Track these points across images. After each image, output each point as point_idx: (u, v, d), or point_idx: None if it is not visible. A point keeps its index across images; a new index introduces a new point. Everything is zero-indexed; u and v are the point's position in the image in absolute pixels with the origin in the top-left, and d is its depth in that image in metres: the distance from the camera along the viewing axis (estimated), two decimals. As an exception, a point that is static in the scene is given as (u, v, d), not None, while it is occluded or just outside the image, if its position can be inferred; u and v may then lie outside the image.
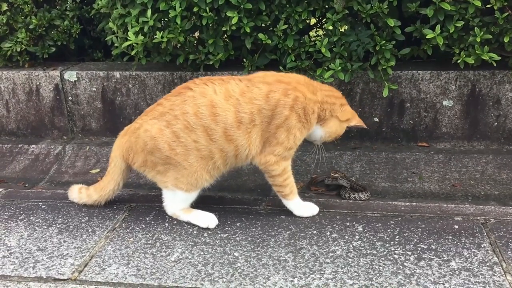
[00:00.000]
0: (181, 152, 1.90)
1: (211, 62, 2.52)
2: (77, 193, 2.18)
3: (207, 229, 1.95)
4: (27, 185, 2.59)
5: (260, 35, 2.42)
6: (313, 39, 2.61)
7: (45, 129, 2.93)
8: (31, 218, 2.08)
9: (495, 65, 2.24)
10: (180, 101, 1.90)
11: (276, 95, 1.88)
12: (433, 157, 2.51)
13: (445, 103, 2.52)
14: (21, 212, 2.13)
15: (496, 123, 2.51)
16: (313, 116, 1.94)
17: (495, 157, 2.46)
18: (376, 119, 2.61)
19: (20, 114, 2.92)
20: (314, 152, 2.20)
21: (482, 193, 2.30)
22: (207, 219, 1.98)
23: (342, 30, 2.42)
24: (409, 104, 2.56)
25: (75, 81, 2.80)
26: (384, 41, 2.32)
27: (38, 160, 2.80)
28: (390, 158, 2.55)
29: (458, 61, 2.29)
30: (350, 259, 1.73)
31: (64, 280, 1.69)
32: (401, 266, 1.67)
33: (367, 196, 2.21)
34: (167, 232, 1.94)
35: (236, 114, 1.86)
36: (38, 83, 2.85)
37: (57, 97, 2.85)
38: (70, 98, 2.84)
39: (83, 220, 2.05)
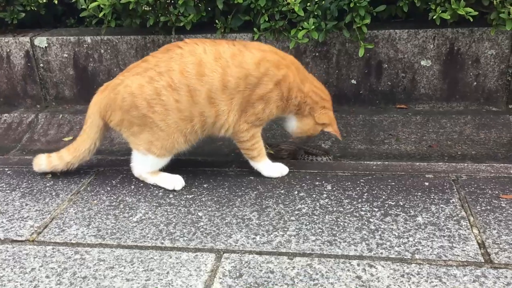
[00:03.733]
0: (159, 111, 1.81)
1: (182, 24, 2.45)
2: (45, 159, 2.05)
3: (173, 190, 1.91)
4: (-2, 154, 2.55)
5: (232, -5, 2.34)
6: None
7: (18, 98, 2.87)
8: (-5, 183, 2.04)
9: (471, 20, 2.17)
10: (167, 57, 1.81)
11: (267, 65, 1.81)
12: (410, 118, 2.46)
13: (423, 63, 2.46)
14: (-14, 178, 2.09)
15: (476, 83, 2.45)
16: (293, 102, 1.87)
17: (474, 117, 2.40)
18: (353, 81, 2.55)
19: (-9, 83, 2.86)
20: None
21: (459, 153, 2.25)
22: (173, 181, 1.93)
23: (316, -13, 2.34)
24: (386, 65, 2.49)
25: (45, 47, 2.73)
26: (359, -2, 2.24)
27: (10, 129, 2.74)
28: (368, 121, 2.49)
29: (434, 17, 2.22)
30: (315, 217, 1.68)
31: (22, 241, 1.65)
32: (366, 222, 1.63)
33: (328, 159, 2.18)
34: (132, 194, 1.90)
35: (223, 77, 1.78)
36: (8, 50, 2.78)
37: (29, 64, 2.78)
38: (41, 65, 2.77)
39: (47, 184, 2.00)
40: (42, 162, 2.06)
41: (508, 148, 2.24)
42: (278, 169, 1.98)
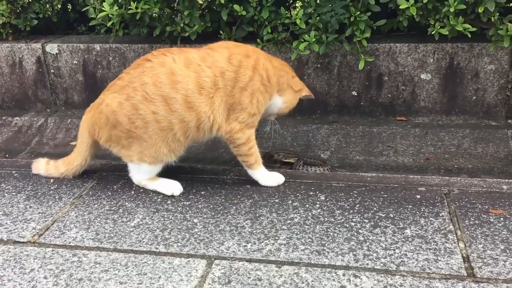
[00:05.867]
0: (140, 125, 1.88)
1: (187, 34, 2.51)
2: (44, 165, 2.16)
3: (172, 196, 1.97)
4: (7, 156, 2.64)
5: (236, 6, 2.40)
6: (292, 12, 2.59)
7: (29, 102, 2.97)
8: (2, 185, 2.12)
9: (469, 36, 2.20)
10: (138, 72, 1.89)
11: (238, 57, 1.89)
12: (409, 131, 2.49)
13: (423, 76, 2.49)
14: (-6, 180, 2.17)
15: (475, 97, 2.48)
16: (274, 80, 1.95)
17: (472, 131, 2.43)
18: (354, 93, 2.59)
19: (4, 87, 2.95)
20: (268, 127, 2.24)
21: (456, 166, 2.28)
22: (172, 187, 1.99)
23: (318, 1, 2.40)
24: (387, 78, 2.53)
25: (56, 53, 2.82)
26: (359, 12, 2.29)
27: (20, 132, 2.83)
28: (367, 132, 2.53)
29: (433, 33, 2.25)
30: (306, 226, 1.73)
31: (23, 242, 1.72)
32: (355, 233, 1.67)
33: (325, 170, 2.22)
34: (132, 199, 1.96)
35: (197, 79, 1.84)
36: (21, 56, 2.87)
37: (40, 69, 2.87)
38: (52, 71, 2.86)
39: (52, 188, 2.08)
40: (41, 168, 2.17)
41: (505, 162, 2.26)
42: (275, 179, 2.03)
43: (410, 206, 1.81)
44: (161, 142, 1.90)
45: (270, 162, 2.38)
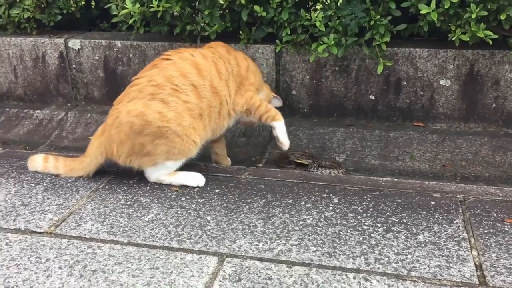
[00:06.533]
0: (173, 117, 1.92)
1: (206, 33, 2.54)
2: (42, 162, 2.15)
3: (186, 194, 1.99)
4: (27, 148, 2.69)
5: (256, 7, 2.42)
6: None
7: (51, 95, 3.02)
8: (22, 176, 2.16)
9: (491, 43, 2.18)
10: (158, 70, 1.96)
11: (232, 51, 2.20)
12: (427, 136, 2.47)
13: (442, 82, 2.47)
14: (13, 170, 2.21)
15: (495, 105, 2.45)
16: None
17: (491, 139, 2.40)
18: (372, 97, 2.59)
19: (27, 80, 3.01)
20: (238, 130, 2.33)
21: (472, 174, 2.26)
22: (197, 178, 2.04)
23: (338, 4, 2.40)
24: (405, 83, 2.52)
25: (78, 49, 2.87)
26: (379, 16, 2.28)
27: (41, 125, 2.89)
28: (383, 136, 2.52)
29: (453, 38, 2.24)
30: (319, 228, 1.73)
31: (40, 233, 1.75)
32: (367, 237, 1.67)
33: (340, 173, 2.22)
34: (147, 195, 1.99)
35: (216, 67, 2.03)
36: (44, 50, 2.93)
37: (62, 64, 2.93)
38: (74, 66, 2.91)
39: (69, 180, 2.11)
40: (39, 166, 2.16)
41: (523, 172, 2.23)
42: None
43: (424, 212, 1.81)
44: (192, 130, 1.97)
45: (284, 163, 2.39)
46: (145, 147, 1.95)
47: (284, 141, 2.17)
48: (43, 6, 2.92)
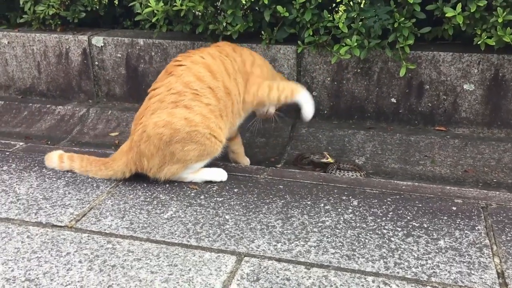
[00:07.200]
0: (200, 120, 1.93)
1: (229, 33, 2.54)
2: (58, 162, 2.16)
3: (205, 192, 1.99)
4: (49, 143, 2.72)
5: (279, 7, 2.41)
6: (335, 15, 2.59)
7: (73, 92, 3.06)
8: (44, 170, 2.19)
9: (517, 47, 2.15)
10: (175, 78, 1.97)
11: (238, 48, 2.20)
12: (448, 141, 2.44)
13: (466, 87, 2.44)
14: (36, 164, 2.24)
15: (519, 111, 2.41)
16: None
17: (514, 146, 2.36)
18: (393, 100, 2.56)
19: (50, 76, 3.05)
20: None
21: (495, 180, 2.22)
22: (220, 173, 2.08)
23: (362, 5, 2.38)
24: (428, 86, 2.49)
25: (101, 46, 2.89)
26: (403, 19, 2.26)
27: (63, 121, 2.92)
28: (404, 140, 2.50)
29: (479, 42, 2.21)
30: (338, 230, 1.72)
31: (61, 227, 1.77)
32: (387, 241, 1.66)
33: (360, 175, 2.20)
34: (166, 192, 2.00)
35: (225, 67, 2.04)
36: (67, 47, 2.96)
37: (85, 61, 2.96)
38: (96, 63, 2.94)
39: (90, 176, 2.14)
40: (55, 164, 2.18)
41: (547, 180, 2.19)
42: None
43: (445, 218, 1.78)
44: (218, 129, 2.00)
45: (303, 164, 2.38)
46: (175, 155, 1.96)
47: (310, 110, 2.19)
48: (67, 3, 2.96)
